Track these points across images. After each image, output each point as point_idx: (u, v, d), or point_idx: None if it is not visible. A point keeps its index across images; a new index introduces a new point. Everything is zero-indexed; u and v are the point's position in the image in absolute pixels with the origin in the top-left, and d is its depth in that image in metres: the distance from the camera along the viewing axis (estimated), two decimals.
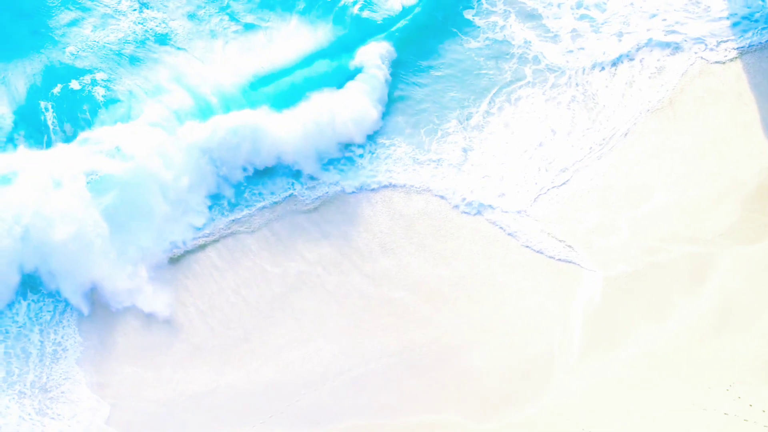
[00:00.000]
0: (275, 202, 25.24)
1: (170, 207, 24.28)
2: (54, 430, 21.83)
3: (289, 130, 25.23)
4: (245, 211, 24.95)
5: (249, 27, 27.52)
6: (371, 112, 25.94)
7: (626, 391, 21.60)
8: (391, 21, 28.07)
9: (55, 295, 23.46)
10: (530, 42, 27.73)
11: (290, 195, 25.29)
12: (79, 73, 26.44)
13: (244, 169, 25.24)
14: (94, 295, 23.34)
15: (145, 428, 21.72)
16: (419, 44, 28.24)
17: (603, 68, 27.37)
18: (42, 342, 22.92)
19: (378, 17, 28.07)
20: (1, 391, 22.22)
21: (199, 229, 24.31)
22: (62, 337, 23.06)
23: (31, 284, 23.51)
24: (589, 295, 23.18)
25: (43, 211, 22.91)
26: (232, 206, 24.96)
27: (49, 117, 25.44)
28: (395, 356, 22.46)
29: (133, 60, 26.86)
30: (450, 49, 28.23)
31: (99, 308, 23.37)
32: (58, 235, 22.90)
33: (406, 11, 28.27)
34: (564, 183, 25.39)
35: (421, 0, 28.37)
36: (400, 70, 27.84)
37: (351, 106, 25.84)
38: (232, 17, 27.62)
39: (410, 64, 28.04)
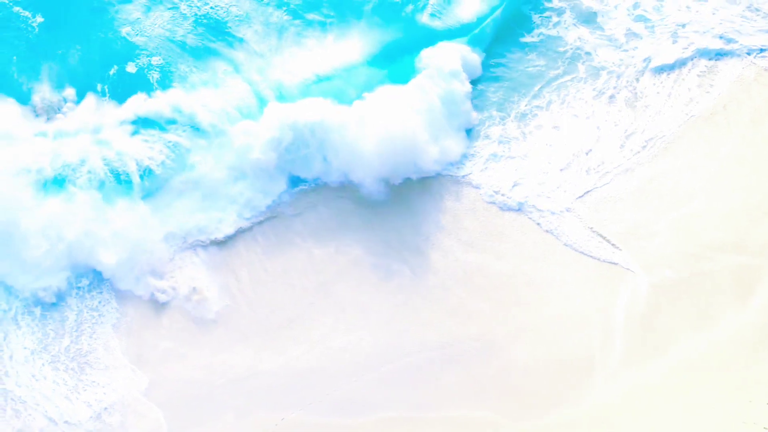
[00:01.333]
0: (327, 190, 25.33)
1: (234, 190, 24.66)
2: (89, 396, 22.14)
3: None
4: (296, 197, 24.99)
5: (310, 24, 27.32)
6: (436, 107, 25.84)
7: (666, 399, 21.56)
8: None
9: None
10: (584, 39, 27.40)
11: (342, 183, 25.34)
12: (135, 55, 26.44)
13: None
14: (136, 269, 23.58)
15: (183, 407, 21.96)
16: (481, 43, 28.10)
17: (654, 70, 27.04)
18: (79, 307, 23.22)
19: (441, 23, 27.73)
20: (36, 354, 22.58)
21: (261, 212, 24.58)
22: (99, 303, 23.33)
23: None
24: (632, 300, 23.08)
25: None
26: (290, 193, 25.08)
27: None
28: (435, 351, 22.48)
29: (191, 48, 26.72)
30: (502, 41, 27.92)
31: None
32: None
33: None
34: (606, 183, 25.20)
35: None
36: None
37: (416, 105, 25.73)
38: (296, 14, 27.34)
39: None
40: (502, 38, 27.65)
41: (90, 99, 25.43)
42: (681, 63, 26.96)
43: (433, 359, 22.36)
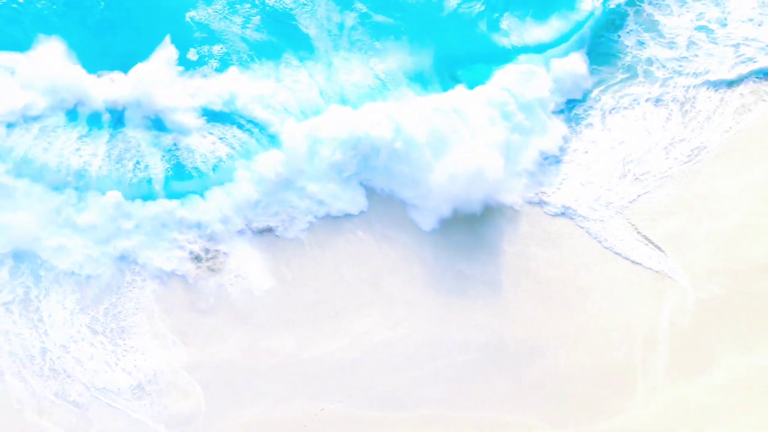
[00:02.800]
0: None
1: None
2: (128, 363, 22.06)
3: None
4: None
5: (379, 27, 26.76)
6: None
7: (708, 418, 21.60)
8: None
9: None
10: (645, 45, 27.09)
11: None
12: (196, 42, 26.11)
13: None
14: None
15: (223, 389, 21.87)
16: None
17: (710, 83, 26.78)
18: (120, 269, 23.09)
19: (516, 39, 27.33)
20: (75, 315, 22.46)
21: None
22: (143, 267, 23.20)
23: None
24: (677, 312, 23.01)
25: None
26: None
27: None
28: (479, 351, 22.44)
29: (254, 42, 26.31)
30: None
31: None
32: None
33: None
34: (650, 191, 25.05)
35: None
36: None
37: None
38: (365, 15, 26.92)
39: None
40: None
41: None
42: (738, 79, 26.67)
43: (476, 360, 22.31)
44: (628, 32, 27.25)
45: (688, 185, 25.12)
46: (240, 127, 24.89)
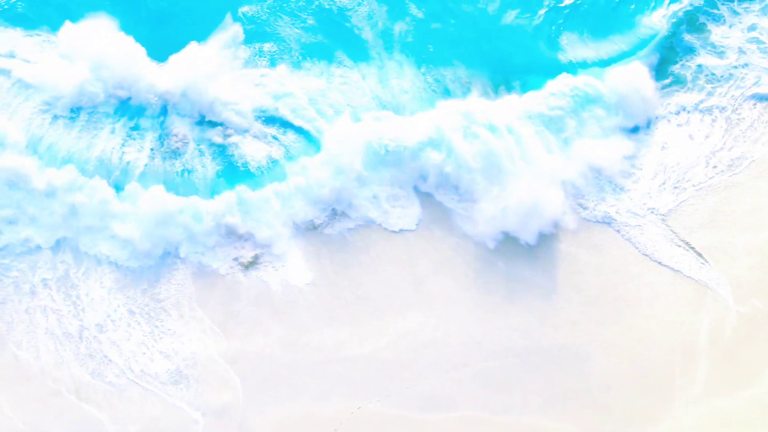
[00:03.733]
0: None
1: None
2: (164, 345, 22.14)
3: None
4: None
5: (432, 33, 26.47)
6: None
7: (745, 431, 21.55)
8: None
9: None
10: (696, 52, 26.83)
11: None
12: (247, 38, 25.96)
13: None
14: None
15: (262, 382, 21.94)
16: None
17: (756, 96, 26.52)
18: (163, 259, 23.17)
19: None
20: (112, 293, 22.55)
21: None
22: (183, 260, 23.24)
23: None
24: (718, 326, 22.90)
25: None
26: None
27: None
28: (521, 356, 22.41)
29: (307, 40, 26.16)
30: None
31: None
32: None
33: None
34: (690, 199, 24.84)
35: None
36: None
37: None
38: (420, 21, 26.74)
39: None
40: None
41: None
42: None
43: (517, 364, 22.31)
44: (679, 40, 26.92)
45: (729, 196, 24.95)
46: (290, 126, 24.82)
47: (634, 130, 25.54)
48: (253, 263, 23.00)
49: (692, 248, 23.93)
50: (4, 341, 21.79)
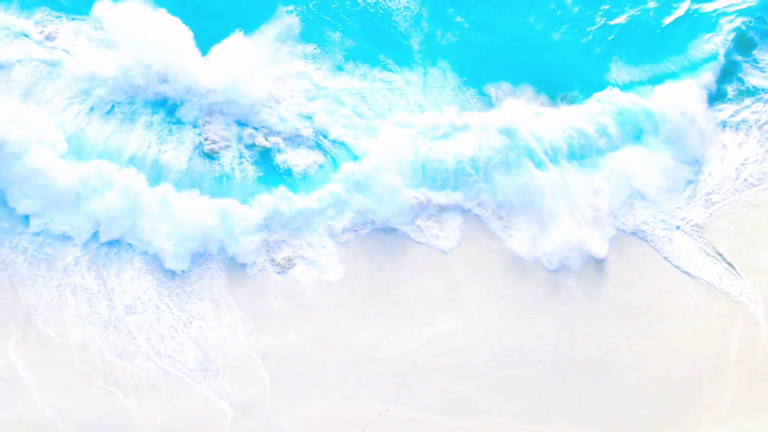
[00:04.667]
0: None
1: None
2: (194, 329, 22.13)
3: None
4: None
5: (477, 43, 26.60)
6: None
7: None
8: None
9: None
10: (737, 65, 26.95)
11: None
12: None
13: None
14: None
15: (291, 380, 21.87)
16: None
17: None
18: (199, 254, 23.15)
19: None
20: (142, 274, 22.60)
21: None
22: (216, 255, 23.24)
23: None
24: (748, 346, 22.89)
25: None
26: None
27: None
28: (550, 366, 22.44)
29: (351, 42, 26.29)
30: None
31: None
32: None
33: None
34: (722, 213, 24.83)
35: None
36: None
37: None
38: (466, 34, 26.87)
39: None
40: None
41: None
42: None
43: (546, 374, 22.32)
44: (724, 47, 27.02)
45: (762, 210, 24.88)
46: (331, 130, 24.80)
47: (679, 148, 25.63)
48: (287, 263, 22.99)
49: (725, 260, 24.01)
50: (31, 318, 21.69)
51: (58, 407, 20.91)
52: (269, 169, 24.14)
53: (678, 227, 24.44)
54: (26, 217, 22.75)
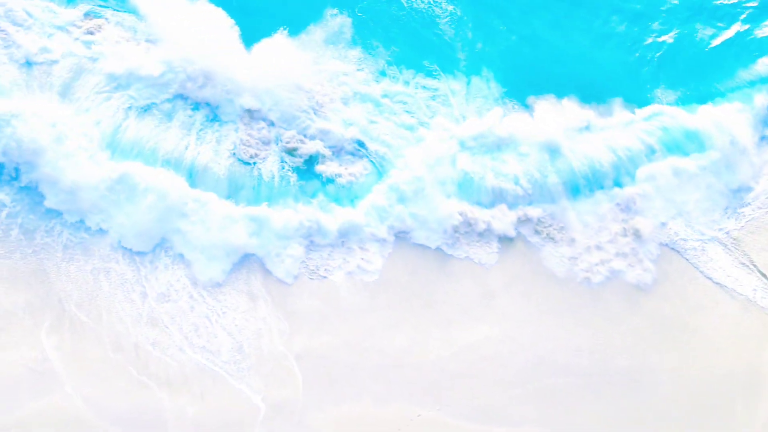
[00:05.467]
0: None
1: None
2: (228, 319, 22.10)
3: None
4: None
5: (518, 51, 26.62)
6: None
7: None
8: None
9: None
10: None
11: None
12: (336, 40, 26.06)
13: None
14: None
15: (323, 382, 21.86)
16: None
17: None
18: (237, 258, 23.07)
19: None
20: (176, 261, 22.56)
21: None
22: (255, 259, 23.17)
23: None
24: None
25: None
26: None
27: None
28: (582, 377, 22.49)
29: (395, 46, 26.17)
30: None
31: None
32: None
33: None
34: (754, 222, 24.83)
35: None
36: None
37: None
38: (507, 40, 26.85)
39: None
40: None
41: None
42: None
43: (577, 385, 22.32)
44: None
45: None
46: (374, 138, 24.74)
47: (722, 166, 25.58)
48: (325, 272, 22.95)
49: (761, 273, 24.02)
50: (64, 303, 21.61)
51: (90, 399, 20.83)
52: (309, 176, 24.02)
53: (714, 239, 24.35)
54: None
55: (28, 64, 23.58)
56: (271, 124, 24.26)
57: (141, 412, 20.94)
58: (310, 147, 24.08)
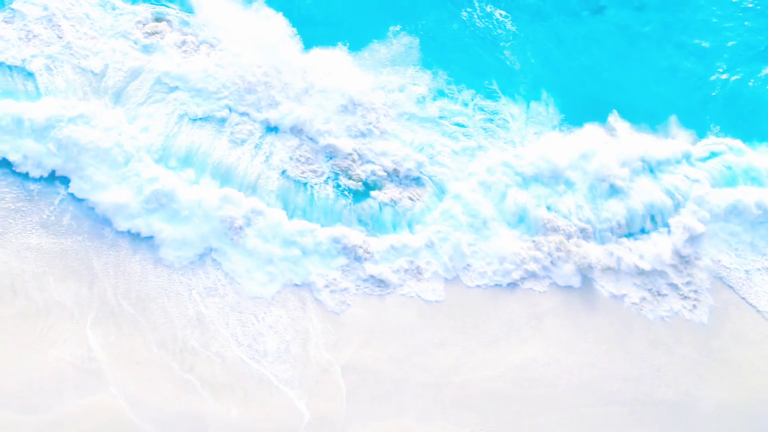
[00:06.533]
0: None
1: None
2: (274, 319, 22.06)
3: None
4: None
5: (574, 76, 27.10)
6: None
7: None
8: None
9: None
10: None
11: None
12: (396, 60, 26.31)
13: None
14: None
15: (368, 394, 21.73)
16: None
17: None
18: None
19: None
20: (217, 263, 22.46)
21: None
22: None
23: None
24: None
25: None
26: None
27: None
28: (627, 406, 22.43)
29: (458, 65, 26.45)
30: None
31: None
32: None
33: None
34: None
35: None
36: None
37: None
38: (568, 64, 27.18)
39: None
40: None
41: None
42: None
43: (622, 414, 22.26)
44: None
45: None
46: (431, 162, 24.85)
47: None
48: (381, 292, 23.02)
49: None
50: (110, 296, 21.55)
51: (132, 400, 20.60)
52: (363, 197, 24.01)
53: (764, 269, 24.48)
54: None
55: (83, 67, 23.67)
56: (325, 145, 24.17)
57: (183, 411, 20.72)
58: (366, 168, 24.08)
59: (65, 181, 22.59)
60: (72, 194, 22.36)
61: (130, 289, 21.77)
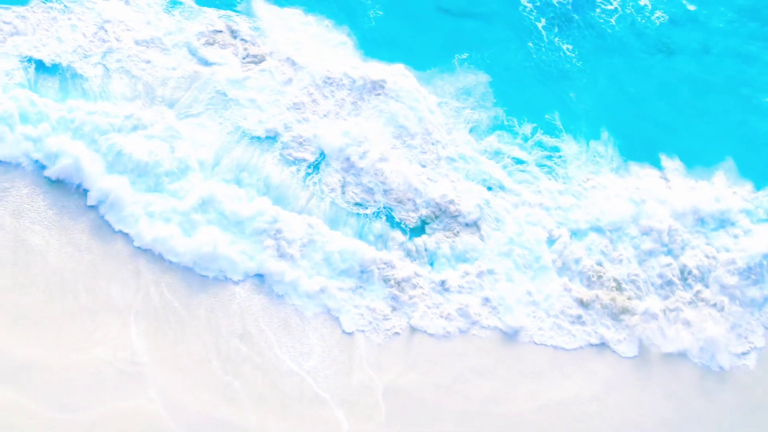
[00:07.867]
0: None
1: None
2: (319, 323, 22.10)
3: None
4: None
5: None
6: None
7: None
8: None
9: None
10: None
11: None
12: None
13: None
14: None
15: (407, 418, 21.56)
16: None
17: None
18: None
19: None
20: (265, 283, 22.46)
21: None
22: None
23: None
24: None
25: None
26: None
27: None
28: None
29: (517, 103, 26.36)
30: None
31: None
32: None
33: None
34: None
35: None
36: None
37: None
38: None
39: None
40: None
41: None
42: None
43: None
44: None
45: None
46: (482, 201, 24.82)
47: None
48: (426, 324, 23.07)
49: None
50: (153, 299, 21.51)
51: (171, 406, 20.41)
52: (416, 234, 24.12)
53: None
54: None
55: (136, 75, 23.87)
56: (374, 185, 24.13)
57: (222, 422, 20.53)
58: (414, 215, 24.03)
59: None
60: None
61: (177, 296, 21.75)
